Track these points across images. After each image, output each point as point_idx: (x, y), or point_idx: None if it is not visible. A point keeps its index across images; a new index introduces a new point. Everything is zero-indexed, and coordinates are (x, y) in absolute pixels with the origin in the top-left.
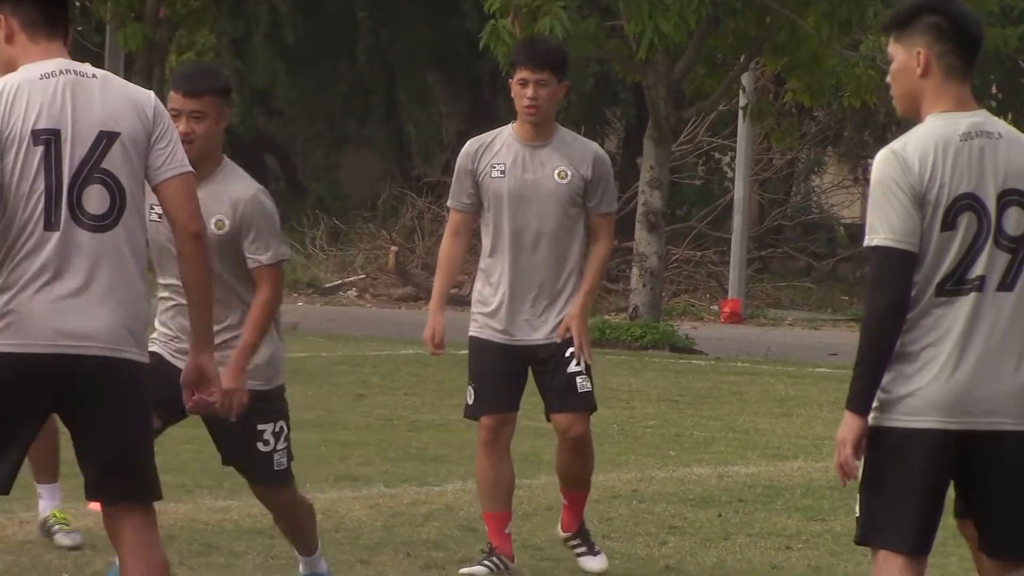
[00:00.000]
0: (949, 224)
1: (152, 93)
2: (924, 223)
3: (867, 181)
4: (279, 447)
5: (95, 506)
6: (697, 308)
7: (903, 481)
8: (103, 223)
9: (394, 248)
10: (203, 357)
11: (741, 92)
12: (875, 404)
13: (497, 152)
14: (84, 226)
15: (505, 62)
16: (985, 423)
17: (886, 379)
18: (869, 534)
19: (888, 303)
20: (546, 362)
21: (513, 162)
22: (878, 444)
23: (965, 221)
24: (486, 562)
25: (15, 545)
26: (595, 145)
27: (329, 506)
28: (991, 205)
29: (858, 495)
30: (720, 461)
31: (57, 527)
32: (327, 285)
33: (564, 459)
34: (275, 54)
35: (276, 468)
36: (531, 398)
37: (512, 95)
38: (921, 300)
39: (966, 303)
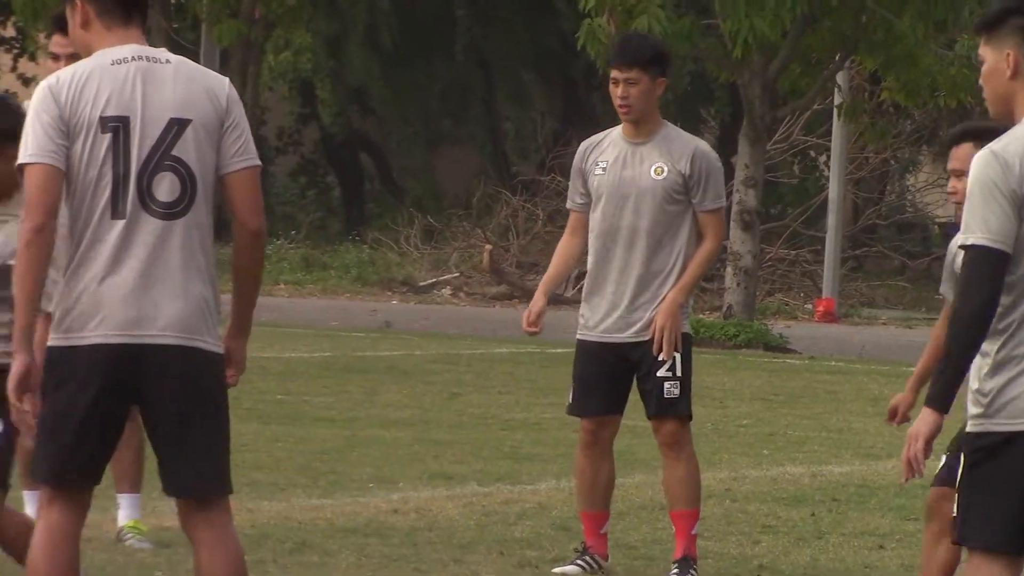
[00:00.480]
0: None
1: (227, 80)
2: (1021, 225)
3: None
4: None
5: None
6: (791, 307)
7: (1003, 482)
8: (173, 210)
9: (488, 247)
10: (238, 341)
11: (836, 91)
12: (977, 410)
13: (604, 150)
14: (154, 213)
15: (601, 61)
16: None
17: (988, 383)
18: (967, 534)
19: (981, 303)
20: (639, 363)
21: (615, 159)
22: (979, 446)
23: None
24: (579, 561)
25: (109, 543)
26: (698, 141)
27: (423, 505)
28: None
29: (956, 495)
30: (813, 460)
31: (130, 536)
32: (421, 284)
33: (663, 467)
34: (371, 53)
35: None
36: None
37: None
38: (1020, 304)
39: None
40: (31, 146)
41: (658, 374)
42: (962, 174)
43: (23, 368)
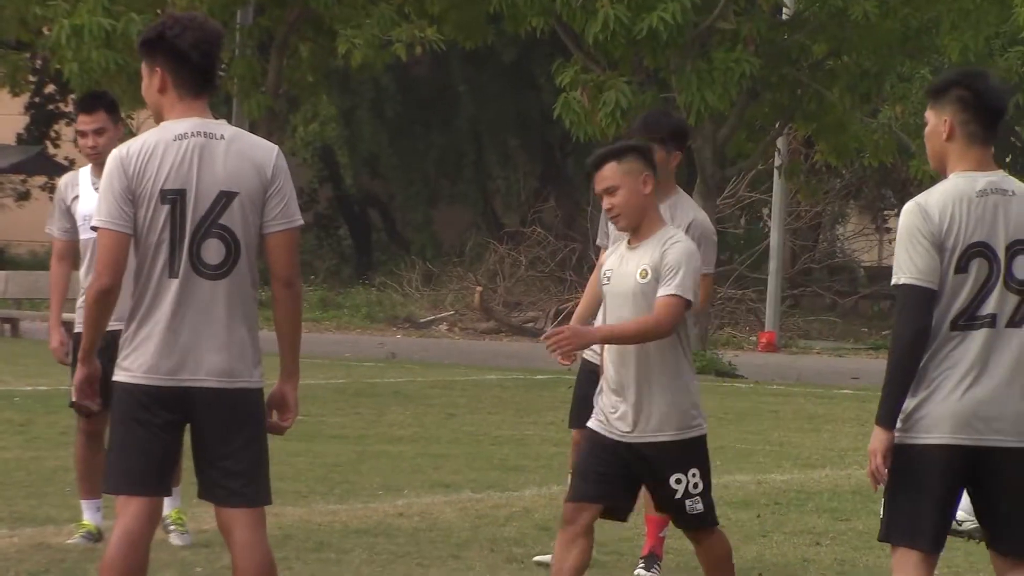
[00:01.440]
0: (962, 268)
1: (275, 150)
2: (942, 266)
3: (885, 230)
4: None
5: None
6: (738, 339)
7: (919, 489)
8: (219, 271)
9: (479, 288)
10: (288, 386)
11: (776, 153)
12: (898, 424)
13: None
14: (202, 274)
15: (575, 129)
16: (990, 440)
17: (907, 402)
18: (889, 533)
19: (914, 332)
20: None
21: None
22: (899, 457)
23: (976, 266)
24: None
25: (154, 544)
26: (697, 212)
27: (424, 509)
28: (1001, 253)
29: (883, 500)
30: (758, 470)
31: (173, 527)
32: (421, 320)
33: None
34: (378, 124)
35: None
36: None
37: None
38: (938, 334)
39: (978, 337)
40: (104, 212)
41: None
42: (615, 190)
43: (83, 376)
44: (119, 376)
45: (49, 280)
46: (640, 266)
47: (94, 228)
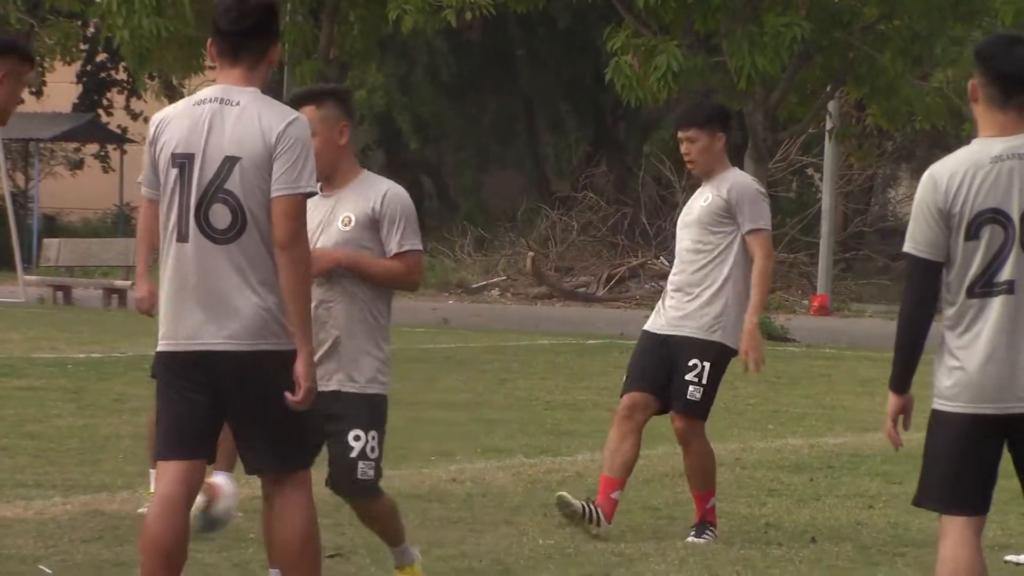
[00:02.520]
0: (973, 235)
1: (290, 117)
2: (952, 235)
3: None
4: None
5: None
6: (791, 303)
7: (947, 455)
8: (226, 236)
9: (531, 254)
10: (297, 357)
11: (828, 117)
12: (935, 391)
13: None
14: (209, 238)
15: (626, 93)
16: (1020, 407)
17: (937, 370)
18: (920, 498)
19: (914, 300)
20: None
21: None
22: (931, 424)
23: (988, 232)
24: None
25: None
26: (738, 174)
27: (477, 474)
28: (1016, 218)
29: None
30: (811, 433)
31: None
32: (474, 286)
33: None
34: (434, 89)
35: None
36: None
37: None
38: (956, 302)
39: (996, 303)
40: (143, 176)
41: (686, 377)
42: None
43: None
44: (159, 345)
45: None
46: (342, 214)
47: None
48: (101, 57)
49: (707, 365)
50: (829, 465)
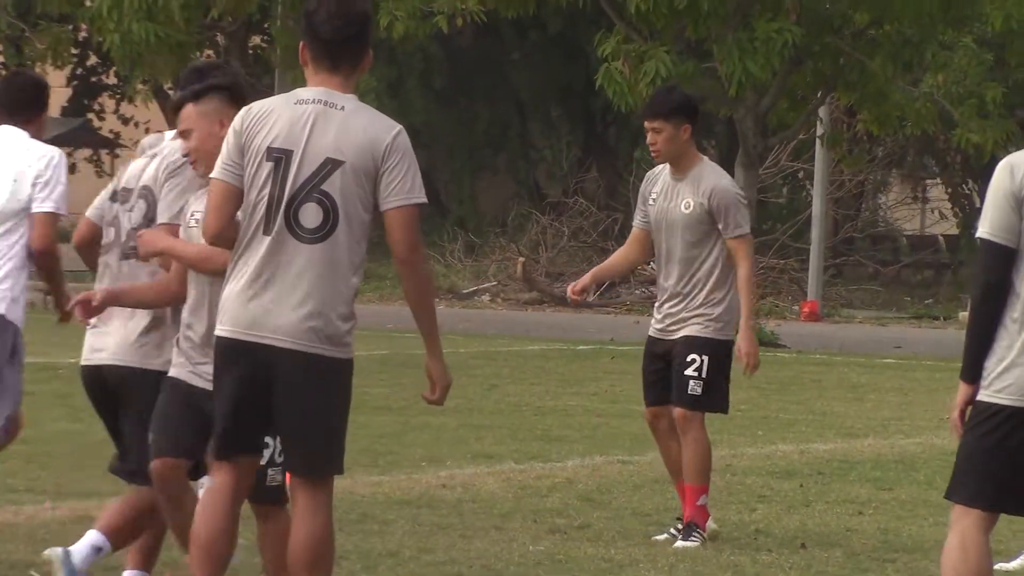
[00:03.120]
0: None
1: (396, 128)
2: (1022, 223)
3: (926, 199)
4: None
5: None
6: (781, 308)
7: (993, 450)
8: (315, 235)
9: (521, 259)
10: (429, 360)
11: (818, 123)
12: (982, 381)
13: (656, 183)
14: (297, 236)
15: (616, 99)
16: None
17: (990, 360)
18: (954, 489)
19: (983, 285)
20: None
21: (661, 191)
22: (976, 415)
23: None
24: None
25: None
26: (719, 178)
27: (467, 480)
28: None
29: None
30: (801, 439)
31: None
32: (464, 291)
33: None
34: (427, 95)
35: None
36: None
37: None
38: (1020, 293)
39: None
40: (217, 162)
41: (685, 372)
42: (189, 134)
43: None
44: (216, 331)
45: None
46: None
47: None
48: (92, 61)
49: (705, 359)
50: (819, 471)
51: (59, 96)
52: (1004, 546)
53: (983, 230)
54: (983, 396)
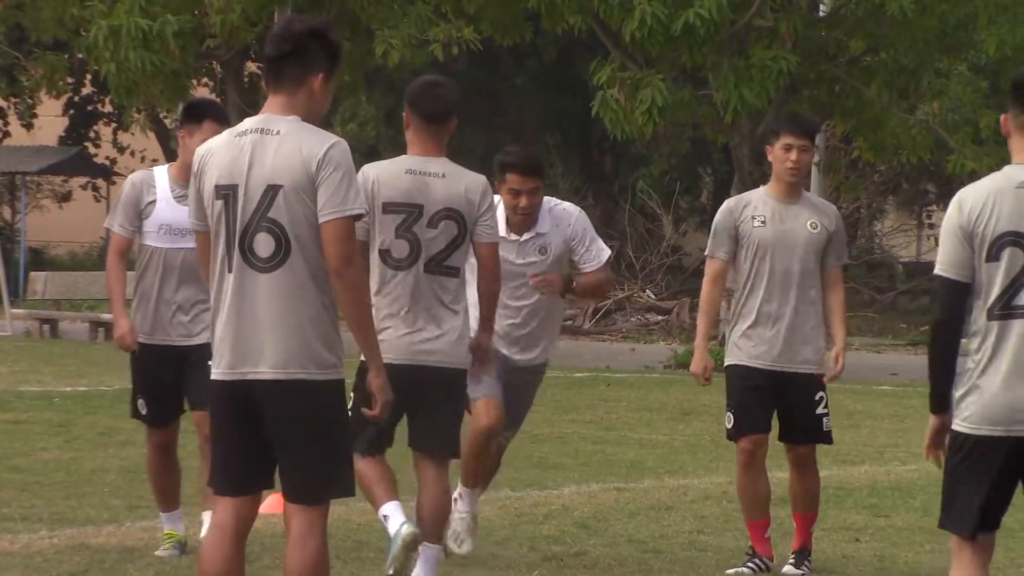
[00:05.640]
0: (993, 256)
1: (331, 142)
2: (975, 256)
3: (929, 225)
4: None
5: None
6: None
7: (972, 478)
8: (269, 264)
9: None
10: (369, 375)
11: (815, 150)
12: (954, 412)
13: (755, 207)
14: (254, 267)
15: (613, 127)
16: None
17: (957, 391)
18: (945, 521)
19: (937, 320)
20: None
21: (772, 215)
22: (954, 445)
23: (1008, 255)
24: (749, 564)
25: (197, 542)
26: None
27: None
28: None
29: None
30: None
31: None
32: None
33: (794, 479)
34: None
35: None
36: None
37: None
38: (978, 324)
39: (1017, 326)
40: (190, 209)
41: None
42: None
43: None
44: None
45: (107, 275)
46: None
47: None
48: (88, 90)
49: (825, 395)
50: None
51: (55, 124)
52: (1002, 574)
53: (937, 267)
54: (954, 425)
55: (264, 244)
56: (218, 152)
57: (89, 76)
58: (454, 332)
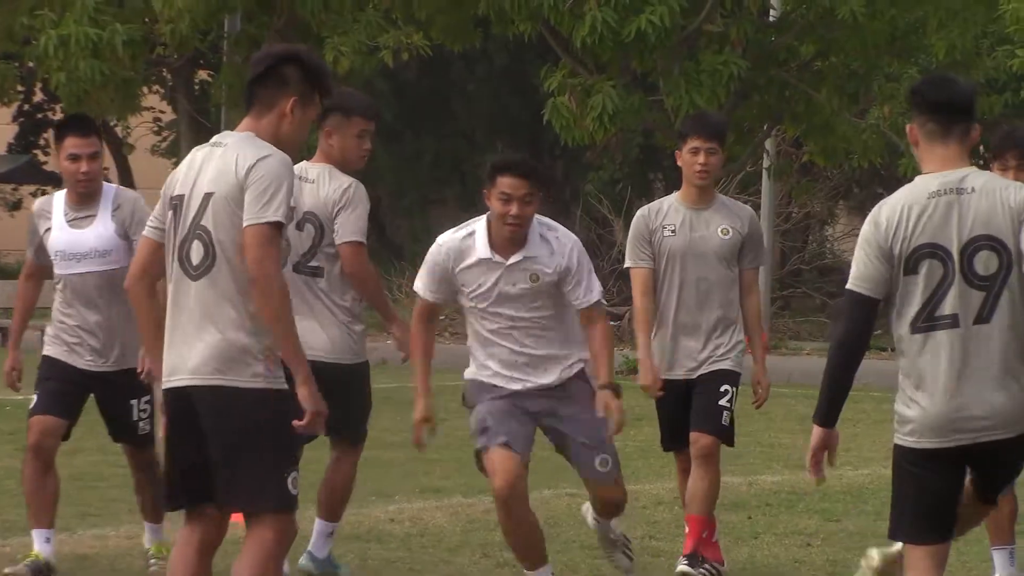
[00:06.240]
0: (911, 270)
1: (264, 152)
2: (893, 271)
3: None
4: None
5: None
6: None
7: (910, 488)
8: (198, 271)
9: None
10: (297, 387)
11: (765, 155)
12: (895, 426)
13: (666, 215)
14: (188, 275)
15: (564, 133)
16: (983, 436)
17: (897, 404)
18: (896, 531)
19: (847, 334)
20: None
21: (681, 223)
22: (894, 458)
23: (927, 267)
24: (700, 569)
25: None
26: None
27: (415, 514)
28: (955, 252)
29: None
30: (749, 471)
31: (154, 561)
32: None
33: (693, 476)
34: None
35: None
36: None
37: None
38: (902, 338)
39: (942, 337)
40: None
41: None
42: None
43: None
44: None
45: (16, 296)
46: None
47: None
48: (38, 98)
49: (734, 391)
50: (767, 503)
51: (5, 132)
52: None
53: (850, 282)
54: (897, 440)
55: (196, 251)
56: (184, 164)
57: (39, 84)
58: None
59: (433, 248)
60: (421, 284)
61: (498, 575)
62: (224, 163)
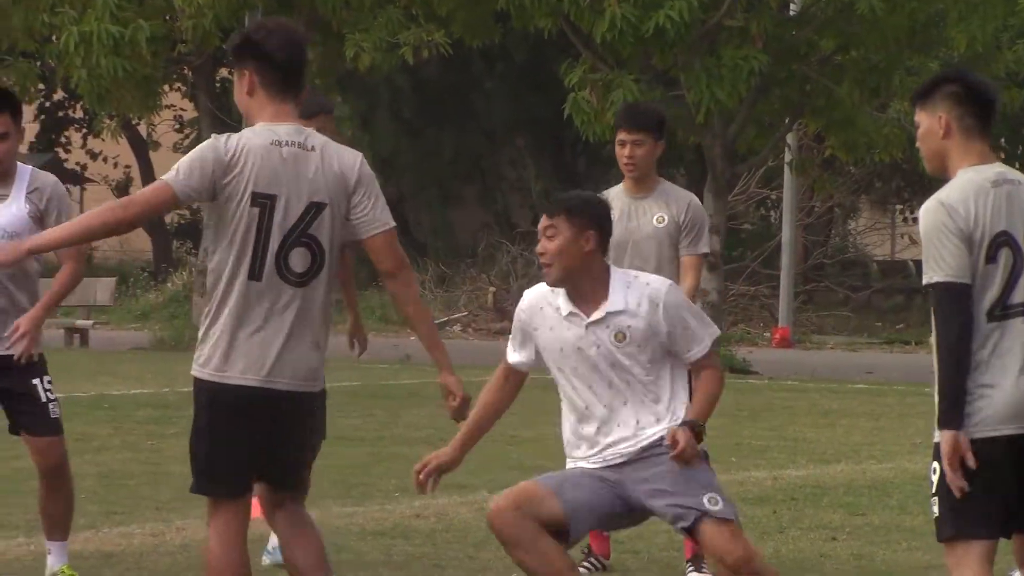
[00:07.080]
0: (992, 258)
1: (359, 158)
2: (972, 259)
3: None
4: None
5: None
6: (752, 335)
7: (988, 482)
8: (303, 279)
9: (492, 289)
10: (442, 375)
11: (786, 149)
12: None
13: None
14: (287, 281)
15: (585, 128)
16: None
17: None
18: (959, 529)
19: (958, 332)
20: None
21: (620, 213)
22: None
23: (1004, 255)
24: (584, 563)
25: (175, 548)
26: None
27: (440, 510)
28: (1021, 240)
29: (938, 496)
30: (774, 465)
31: None
32: (436, 322)
33: None
34: (397, 125)
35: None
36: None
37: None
38: (979, 328)
39: (1017, 325)
40: (180, 170)
41: None
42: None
43: None
44: (199, 373)
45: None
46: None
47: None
48: (59, 96)
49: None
50: (792, 497)
51: (27, 131)
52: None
53: (941, 274)
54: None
55: (300, 259)
56: (255, 154)
57: (59, 82)
58: None
59: None
60: None
61: (522, 571)
62: (328, 172)
